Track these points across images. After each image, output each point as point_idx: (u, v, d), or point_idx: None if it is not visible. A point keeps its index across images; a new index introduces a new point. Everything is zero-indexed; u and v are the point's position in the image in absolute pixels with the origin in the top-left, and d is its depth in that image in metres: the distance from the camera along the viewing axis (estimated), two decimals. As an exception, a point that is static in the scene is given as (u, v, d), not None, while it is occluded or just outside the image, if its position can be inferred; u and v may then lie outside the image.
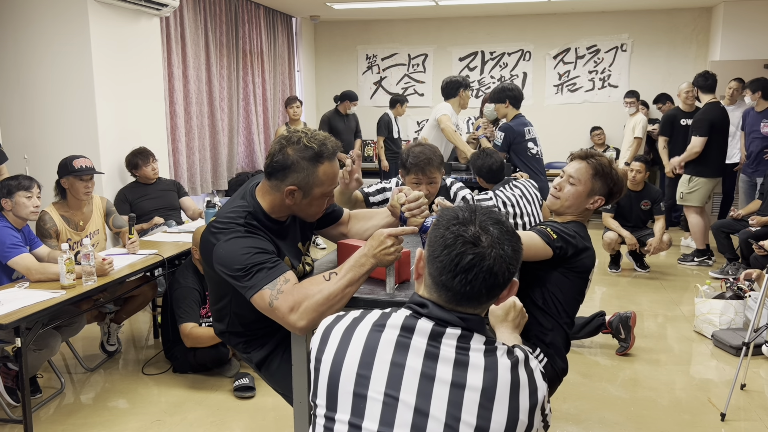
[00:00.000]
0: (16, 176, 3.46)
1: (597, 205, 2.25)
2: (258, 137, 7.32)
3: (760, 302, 3.36)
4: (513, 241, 1.28)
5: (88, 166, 3.74)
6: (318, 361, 1.30)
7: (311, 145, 1.89)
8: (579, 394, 3.43)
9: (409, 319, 1.27)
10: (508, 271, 1.26)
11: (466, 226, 1.25)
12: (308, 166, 1.90)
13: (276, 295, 1.76)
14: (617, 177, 2.24)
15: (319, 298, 1.74)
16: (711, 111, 5.79)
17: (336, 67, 8.98)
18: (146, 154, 4.68)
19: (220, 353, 3.61)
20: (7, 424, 3.13)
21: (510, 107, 4.83)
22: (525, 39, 8.46)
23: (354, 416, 1.23)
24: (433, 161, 2.89)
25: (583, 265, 2.18)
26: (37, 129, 4.60)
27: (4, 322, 2.69)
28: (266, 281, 1.78)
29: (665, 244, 5.52)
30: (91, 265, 3.16)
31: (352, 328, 1.30)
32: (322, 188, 1.95)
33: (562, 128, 8.31)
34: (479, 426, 1.19)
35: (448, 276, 1.24)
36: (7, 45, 4.54)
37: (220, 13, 6.48)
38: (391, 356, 1.24)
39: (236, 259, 1.82)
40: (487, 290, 1.25)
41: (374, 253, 1.81)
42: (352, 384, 1.24)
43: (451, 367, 1.22)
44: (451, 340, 1.25)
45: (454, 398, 1.20)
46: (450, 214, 1.30)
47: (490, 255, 1.23)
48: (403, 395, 1.21)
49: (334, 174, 1.97)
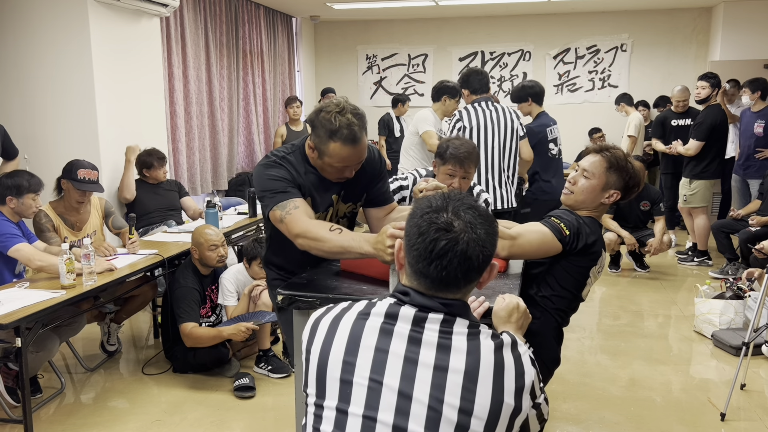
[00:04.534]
0: (27, 175, 3.43)
1: (612, 200, 2.19)
2: (258, 137, 7.32)
3: (760, 302, 3.36)
4: (486, 224, 1.29)
5: (90, 180, 3.69)
6: (308, 352, 1.34)
7: (334, 121, 2.04)
8: (579, 394, 3.43)
9: (392, 307, 1.30)
10: (482, 254, 1.27)
11: (439, 213, 1.28)
12: (324, 135, 2.07)
13: (285, 215, 2.05)
14: (633, 170, 2.19)
15: (316, 235, 1.98)
16: (712, 114, 5.78)
17: (336, 67, 8.98)
18: (161, 158, 4.74)
19: (220, 353, 3.61)
20: (7, 424, 3.13)
21: (533, 104, 4.68)
22: (525, 39, 8.45)
23: (341, 402, 1.26)
24: (472, 156, 2.88)
25: (587, 261, 2.16)
26: (37, 129, 4.60)
27: (4, 322, 2.69)
28: (276, 202, 2.08)
29: (665, 244, 5.52)
30: (91, 265, 3.16)
31: (338, 318, 1.33)
32: (331, 161, 2.10)
33: (562, 129, 8.24)
34: (463, 408, 1.20)
35: (424, 263, 1.26)
36: (7, 45, 4.54)
37: (220, 13, 6.48)
38: (375, 342, 1.26)
39: (259, 182, 2.17)
40: (463, 274, 1.27)
41: (373, 245, 1.85)
42: (339, 371, 1.27)
43: (434, 351, 1.24)
44: (434, 324, 1.27)
45: (437, 381, 1.22)
46: (424, 202, 1.32)
47: (463, 239, 1.25)
48: (387, 379, 1.23)
49: (346, 156, 2.09)
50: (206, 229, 3.73)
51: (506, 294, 1.68)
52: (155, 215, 4.71)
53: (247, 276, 3.90)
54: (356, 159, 2.13)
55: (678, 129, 6.29)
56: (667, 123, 6.42)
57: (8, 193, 3.33)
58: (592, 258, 2.16)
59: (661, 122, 6.48)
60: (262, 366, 3.72)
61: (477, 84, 4.16)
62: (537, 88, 4.69)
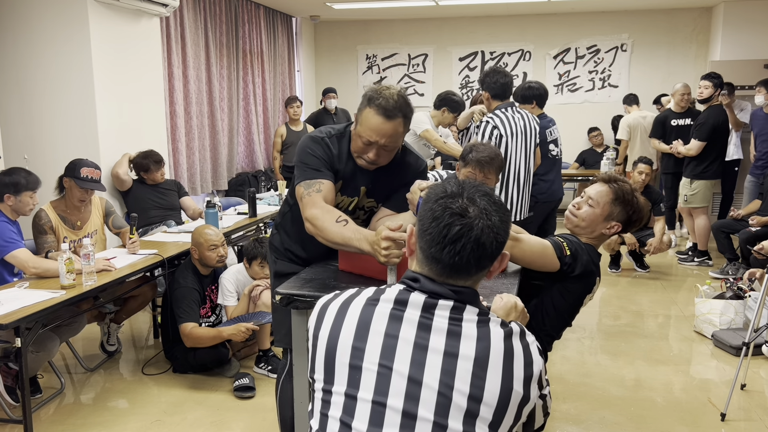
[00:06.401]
0: (24, 173, 3.42)
1: (613, 231, 2.18)
2: (258, 137, 7.32)
3: (760, 302, 3.36)
4: (500, 211, 1.29)
5: (93, 178, 3.70)
6: (315, 338, 1.33)
7: (379, 91, 2.11)
8: (579, 394, 3.43)
9: (402, 293, 1.29)
10: (496, 241, 1.27)
11: (454, 199, 1.27)
12: (365, 101, 2.13)
13: (306, 194, 2.13)
14: (638, 205, 2.19)
15: (320, 225, 2.05)
16: (714, 115, 5.78)
17: (336, 67, 8.98)
18: (158, 161, 4.72)
19: (220, 353, 3.61)
20: (7, 424, 3.13)
21: (536, 107, 4.56)
22: (525, 39, 8.45)
23: (350, 387, 1.25)
24: (495, 162, 2.89)
25: (582, 288, 2.16)
26: (37, 128, 4.60)
27: (4, 322, 2.69)
28: (305, 178, 2.16)
29: (665, 244, 5.52)
30: (91, 265, 3.16)
31: (347, 304, 1.33)
32: (361, 129, 2.14)
33: (563, 128, 8.21)
34: (472, 394, 1.20)
35: (437, 248, 1.25)
36: (6, 45, 4.54)
37: (220, 13, 6.48)
38: (385, 328, 1.26)
39: (299, 153, 2.23)
40: (476, 261, 1.26)
41: (371, 244, 1.88)
42: (348, 356, 1.27)
43: (443, 337, 1.24)
44: (444, 311, 1.26)
45: (447, 367, 1.21)
46: (439, 188, 1.32)
47: (477, 225, 1.24)
48: (397, 365, 1.23)
49: (374, 126, 2.10)
50: (206, 229, 3.73)
51: (504, 293, 1.68)
52: (155, 215, 4.71)
53: (247, 276, 3.90)
54: (382, 135, 2.10)
55: (678, 129, 6.28)
56: (667, 123, 6.40)
57: (6, 191, 3.34)
58: (587, 284, 2.17)
59: (662, 122, 6.46)
60: (262, 366, 3.72)
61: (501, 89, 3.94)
62: (542, 90, 4.62)
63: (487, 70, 4.04)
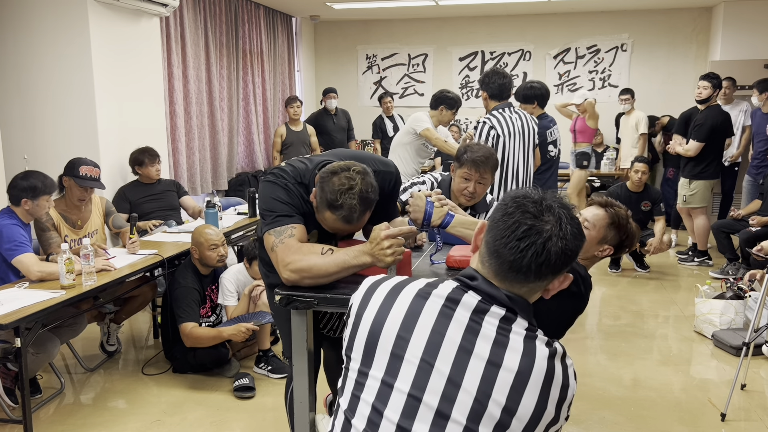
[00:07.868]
0: (41, 176, 3.40)
1: (605, 254, 2.20)
2: (258, 137, 7.32)
3: (760, 302, 3.36)
4: (576, 227, 1.27)
5: (92, 177, 3.70)
6: (359, 316, 1.32)
7: (339, 198, 1.94)
8: (579, 394, 3.43)
9: (455, 291, 1.28)
10: (563, 254, 1.24)
11: (532, 201, 1.27)
12: (324, 201, 1.98)
13: (278, 243, 1.99)
14: (631, 231, 2.21)
15: (305, 265, 1.93)
16: (712, 115, 5.77)
17: (336, 67, 8.98)
18: (153, 154, 4.70)
19: (220, 353, 3.61)
20: (7, 425, 3.13)
21: (537, 107, 4.54)
22: (525, 39, 8.45)
23: (388, 375, 1.25)
24: (489, 161, 2.88)
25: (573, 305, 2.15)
26: (37, 129, 4.60)
27: (4, 322, 2.69)
28: (274, 227, 2.02)
29: (665, 244, 5.53)
30: (90, 265, 3.16)
31: (396, 290, 1.32)
32: (323, 222, 2.07)
33: (563, 129, 8.27)
34: (507, 407, 1.20)
35: (501, 241, 1.24)
36: (7, 45, 4.54)
37: (220, 13, 6.48)
38: (433, 324, 1.25)
39: (264, 199, 2.10)
40: (537, 266, 1.24)
41: (371, 252, 1.83)
42: (391, 344, 1.26)
43: (490, 345, 1.23)
44: (494, 319, 1.25)
45: (488, 375, 1.21)
46: (520, 191, 1.31)
47: (547, 230, 1.23)
48: (439, 363, 1.23)
49: (339, 228, 2.06)
50: (206, 228, 3.73)
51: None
52: (154, 216, 4.70)
53: (247, 276, 3.90)
54: (348, 231, 2.12)
55: None
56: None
57: (24, 195, 3.32)
58: (579, 303, 2.16)
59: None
60: (262, 366, 3.72)
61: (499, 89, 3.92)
62: (544, 89, 4.59)
63: (487, 70, 4.06)
